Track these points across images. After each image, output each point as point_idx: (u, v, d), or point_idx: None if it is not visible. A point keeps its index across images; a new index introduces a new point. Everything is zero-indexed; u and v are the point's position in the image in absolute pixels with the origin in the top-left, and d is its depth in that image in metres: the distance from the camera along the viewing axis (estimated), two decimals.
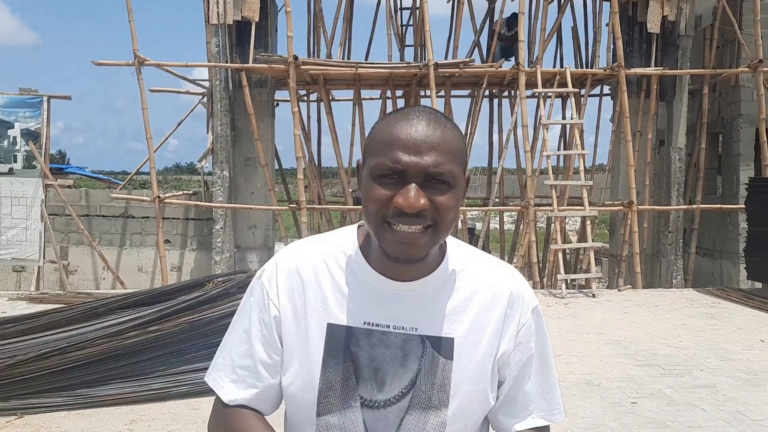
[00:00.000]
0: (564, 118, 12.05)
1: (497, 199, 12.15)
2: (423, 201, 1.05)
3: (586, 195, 9.99)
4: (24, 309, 7.55)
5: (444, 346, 1.16)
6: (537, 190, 11.04)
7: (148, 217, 10.82)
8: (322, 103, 12.22)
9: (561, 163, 12.53)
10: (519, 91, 10.47)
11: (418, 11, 12.23)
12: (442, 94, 11.09)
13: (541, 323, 1.25)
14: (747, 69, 10.46)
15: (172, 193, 11.49)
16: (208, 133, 10.87)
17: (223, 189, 10.41)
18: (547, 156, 10.31)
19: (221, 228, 10.37)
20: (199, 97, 11.44)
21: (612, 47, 11.25)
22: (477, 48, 13.04)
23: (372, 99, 13.34)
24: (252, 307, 1.21)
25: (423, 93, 11.84)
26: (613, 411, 4.61)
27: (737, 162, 11.15)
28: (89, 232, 10.58)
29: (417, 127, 1.07)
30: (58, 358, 4.62)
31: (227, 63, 10.26)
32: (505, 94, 12.88)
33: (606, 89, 12.67)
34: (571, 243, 12.41)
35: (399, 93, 12.02)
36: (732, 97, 11.40)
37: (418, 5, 12.20)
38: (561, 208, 10.27)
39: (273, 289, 1.19)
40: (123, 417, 4.43)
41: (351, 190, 12.23)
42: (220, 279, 5.95)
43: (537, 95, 10.66)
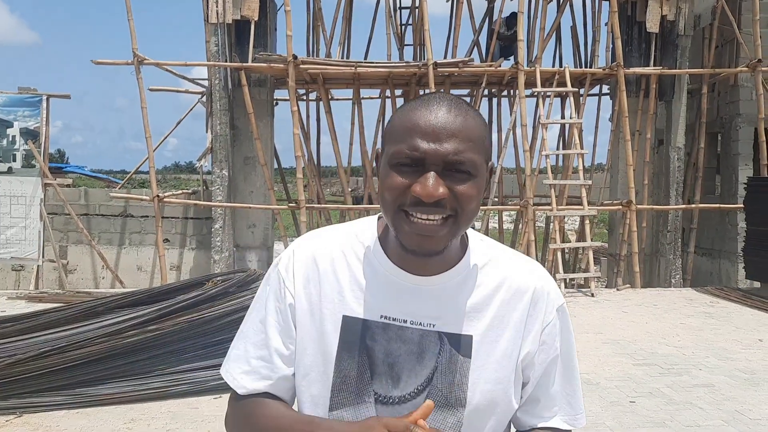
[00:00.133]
0: (563, 117, 12.05)
1: (496, 198, 12.16)
2: (442, 190, 1.01)
3: (585, 194, 10.00)
4: (23, 308, 7.55)
5: (463, 343, 1.11)
6: (536, 189, 11.05)
7: (147, 216, 10.83)
8: (321, 103, 12.22)
9: (560, 163, 12.55)
10: (518, 91, 10.48)
11: (417, 10, 12.23)
12: None
13: (567, 323, 1.20)
14: (746, 68, 10.47)
15: (171, 192, 11.50)
16: (207, 132, 10.87)
17: (223, 188, 10.41)
18: (546, 155, 10.32)
19: (220, 227, 10.37)
20: (199, 96, 11.43)
21: (611, 47, 11.26)
22: (476, 47, 13.05)
23: (371, 98, 13.34)
24: (268, 296, 1.17)
25: (422, 92, 11.84)
26: (612, 410, 4.61)
27: (736, 161, 11.16)
28: (88, 231, 10.58)
29: (437, 114, 1.02)
30: (57, 357, 4.62)
31: (226, 62, 10.26)
32: (505, 93, 12.88)
33: (605, 89, 12.68)
34: (570, 242, 12.40)
35: (398, 92, 12.03)
36: (731, 97, 11.42)
37: (417, 4, 12.20)
38: (560, 207, 10.28)
39: (289, 278, 1.15)
40: (122, 416, 4.43)
41: (350, 189, 12.23)
42: (219, 278, 5.95)
43: (536, 95, 10.68)
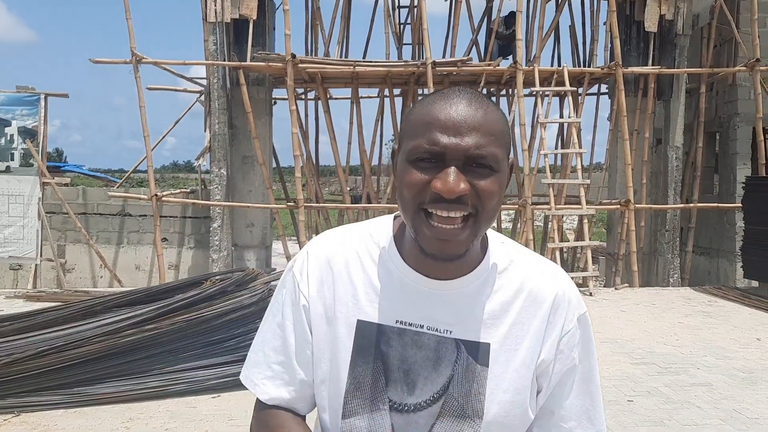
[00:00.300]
0: (561, 116, 12.06)
1: None
2: (463, 185, 0.96)
3: (583, 193, 10.00)
4: (21, 307, 7.54)
5: (481, 351, 1.07)
6: (534, 188, 11.05)
7: (145, 216, 10.82)
8: (319, 102, 12.21)
9: (558, 162, 12.56)
10: (517, 90, 10.48)
11: (416, 9, 12.23)
12: None
13: (588, 333, 1.14)
14: (744, 68, 10.48)
15: (169, 192, 11.48)
16: (205, 132, 10.87)
17: (221, 187, 10.40)
18: (545, 154, 10.32)
19: (219, 226, 10.36)
20: (197, 96, 11.42)
21: (609, 46, 11.25)
22: (475, 46, 13.06)
23: (370, 97, 13.34)
24: (284, 300, 1.15)
25: (421, 92, 11.83)
26: (610, 409, 4.61)
27: (734, 161, 11.17)
28: (86, 230, 10.57)
29: (457, 107, 0.98)
30: (55, 356, 4.61)
31: (225, 61, 10.25)
32: (503, 92, 12.88)
33: (603, 88, 12.69)
34: (569, 241, 12.42)
35: (397, 91, 12.03)
36: (729, 96, 11.42)
37: (415, 3, 12.20)
38: (558, 206, 10.28)
39: (304, 281, 1.12)
40: (120, 415, 4.43)
41: (348, 188, 12.22)
42: (217, 277, 5.95)
43: (534, 94, 10.68)
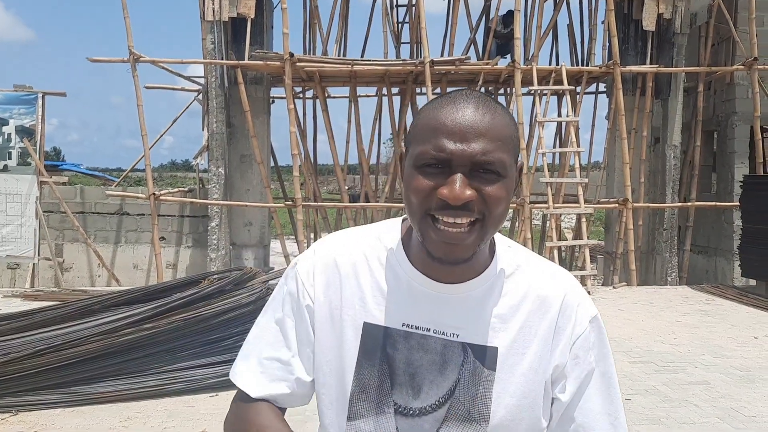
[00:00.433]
0: (559, 115, 12.07)
1: None
2: (469, 192, 0.97)
3: (581, 192, 10.01)
4: (19, 306, 7.52)
5: (488, 355, 1.07)
6: (532, 187, 11.06)
7: (143, 215, 10.80)
8: (317, 100, 12.20)
9: (557, 161, 12.56)
10: (515, 89, 10.48)
11: (414, 8, 12.22)
12: (437, 91, 11.08)
13: (602, 335, 1.12)
14: (742, 67, 10.49)
15: (167, 191, 11.47)
16: (203, 130, 10.85)
17: (219, 186, 10.39)
18: (543, 153, 10.32)
19: (217, 225, 10.35)
20: (195, 94, 11.41)
21: (607, 45, 11.25)
22: (473, 45, 13.05)
23: (368, 96, 13.34)
24: (285, 297, 1.13)
25: (419, 90, 11.84)
26: None
27: (732, 159, 11.18)
28: (84, 229, 10.56)
29: (464, 112, 0.98)
30: (52, 355, 4.61)
31: (223, 60, 10.24)
32: (501, 91, 12.87)
33: (602, 87, 12.69)
34: (567, 240, 12.43)
35: (395, 90, 12.02)
36: (727, 95, 11.43)
37: (413, 2, 12.18)
38: (556, 205, 10.28)
39: (309, 281, 1.11)
40: (118, 414, 4.43)
41: (347, 187, 12.22)
42: (215, 276, 5.95)
43: (533, 93, 10.68)
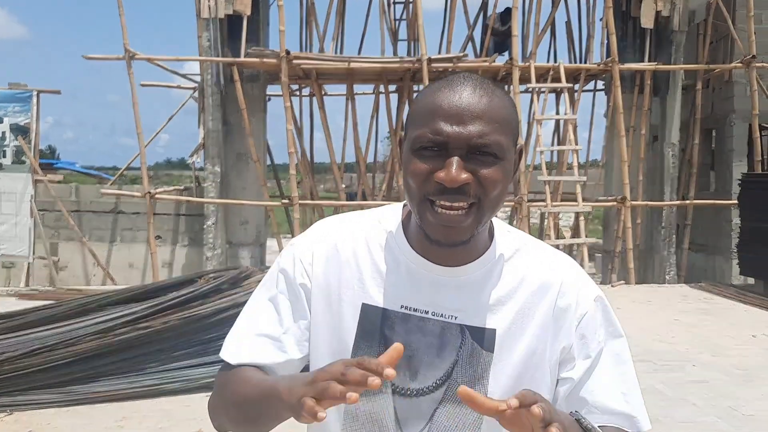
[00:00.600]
0: (557, 113, 12.04)
1: None
2: (465, 175, 0.97)
3: (579, 191, 9.99)
4: (13, 305, 7.46)
5: (486, 337, 1.08)
6: (530, 185, 11.04)
7: (138, 213, 10.74)
8: (314, 98, 12.17)
9: (554, 159, 12.55)
10: (513, 86, 10.44)
11: (411, 5, 12.21)
12: None
13: (609, 314, 1.13)
14: (740, 65, 10.48)
15: (163, 189, 11.44)
16: (199, 128, 10.80)
17: (215, 184, 10.35)
18: (541, 151, 10.31)
19: (213, 224, 10.31)
20: (191, 92, 11.37)
21: (606, 42, 11.24)
22: (470, 43, 13.04)
23: (365, 94, 13.32)
24: (279, 276, 1.13)
25: (416, 88, 11.80)
26: None
27: (730, 158, 11.18)
28: (79, 227, 10.51)
29: (461, 95, 0.99)
30: (47, 354, 4.58)
31: (218, 57, 10.18)
32: None
33: (600, 84, 12.68)
34: (565, 239, 12.42)
35: (392, 88, 11.98)
36: (725, 93, 11.43)
37: None
38: (554, 203, 10.27)
39: (307, 260, 1.11)
40: (114, 414, 4.39)
41: (344, 185, 12.19)
42: (211, 275, 5.93)
43: (531, 90, 10.66)
